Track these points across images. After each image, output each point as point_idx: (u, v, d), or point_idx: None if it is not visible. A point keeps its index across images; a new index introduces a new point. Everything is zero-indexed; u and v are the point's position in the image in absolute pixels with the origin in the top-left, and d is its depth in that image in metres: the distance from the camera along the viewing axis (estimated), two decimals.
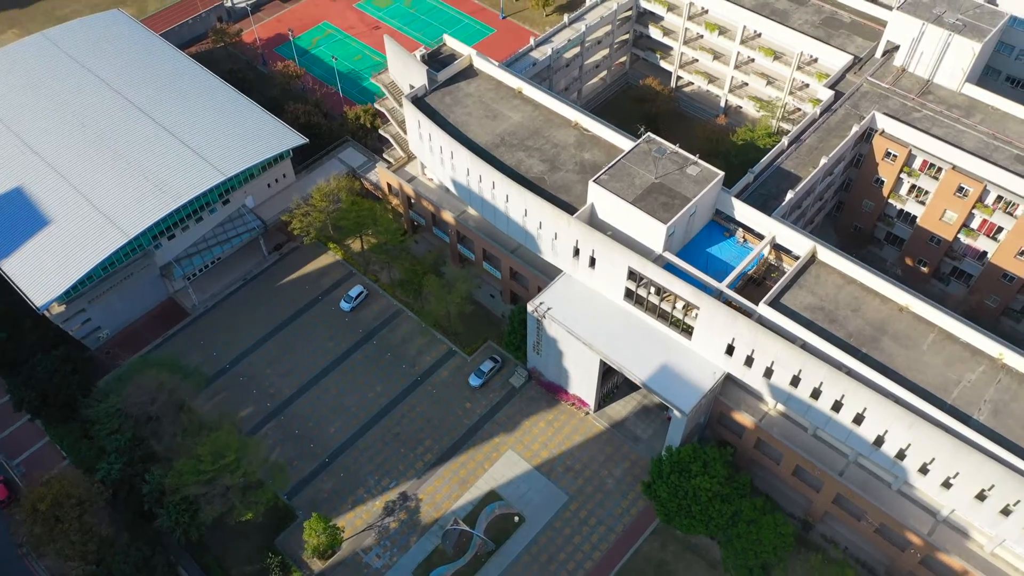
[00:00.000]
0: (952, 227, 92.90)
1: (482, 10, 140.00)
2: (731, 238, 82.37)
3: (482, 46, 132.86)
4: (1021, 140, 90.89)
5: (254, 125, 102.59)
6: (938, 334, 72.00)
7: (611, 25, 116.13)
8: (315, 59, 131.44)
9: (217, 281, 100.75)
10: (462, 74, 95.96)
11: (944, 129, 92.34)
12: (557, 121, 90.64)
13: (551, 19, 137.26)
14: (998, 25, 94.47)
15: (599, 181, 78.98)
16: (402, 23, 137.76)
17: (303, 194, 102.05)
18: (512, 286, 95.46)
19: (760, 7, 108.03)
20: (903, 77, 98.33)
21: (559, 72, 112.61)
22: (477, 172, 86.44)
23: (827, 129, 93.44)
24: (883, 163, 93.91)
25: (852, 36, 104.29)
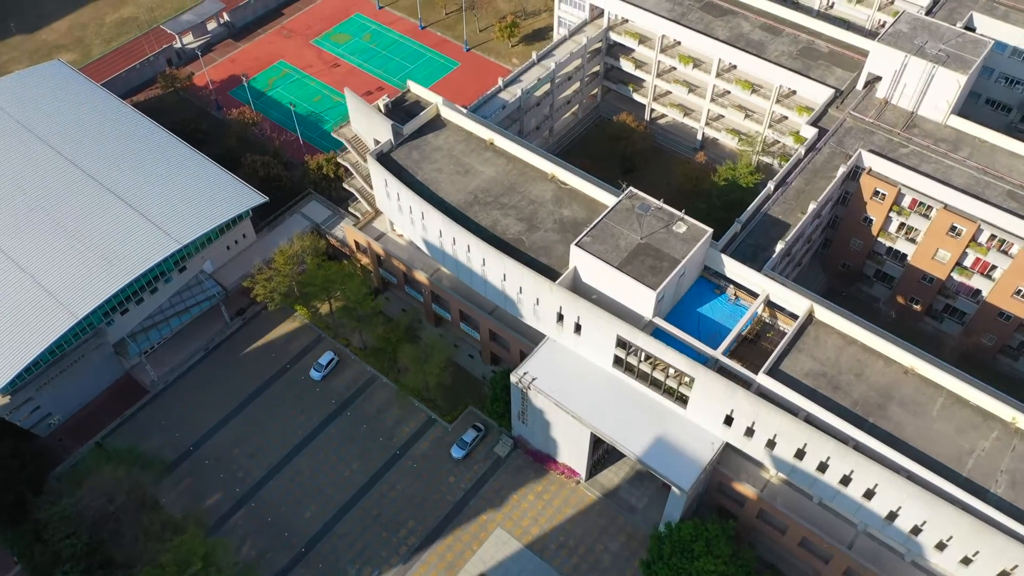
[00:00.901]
0: (945, 266, 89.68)
1: (445, 43, 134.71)
2: (722, 295, 78.09)
3: (447, 81, 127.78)
4: (1012, 174, 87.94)
5: (210, 184, 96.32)
6: (947, 398, 68.28)
7: (581, 59, 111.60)
8: (272, 102, 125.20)
9: (176, 353, 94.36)
10: (429, 125, 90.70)
11: (933, 165, 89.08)
12: (533, 174, 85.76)
13: (517, 50, 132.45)
14: (982, 55, 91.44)
15: (581, 244, 74.22)
16: (362, 60, 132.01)
17: (265, 256, 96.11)
18: (492, 347, 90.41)
19: (735, 38, 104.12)
20: (886, 110, 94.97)
21: (530, 112, 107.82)
22: (450, 234, 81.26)
23: (813, 170, 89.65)
24: (871, 202, 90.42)
25: (831, 67, 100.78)
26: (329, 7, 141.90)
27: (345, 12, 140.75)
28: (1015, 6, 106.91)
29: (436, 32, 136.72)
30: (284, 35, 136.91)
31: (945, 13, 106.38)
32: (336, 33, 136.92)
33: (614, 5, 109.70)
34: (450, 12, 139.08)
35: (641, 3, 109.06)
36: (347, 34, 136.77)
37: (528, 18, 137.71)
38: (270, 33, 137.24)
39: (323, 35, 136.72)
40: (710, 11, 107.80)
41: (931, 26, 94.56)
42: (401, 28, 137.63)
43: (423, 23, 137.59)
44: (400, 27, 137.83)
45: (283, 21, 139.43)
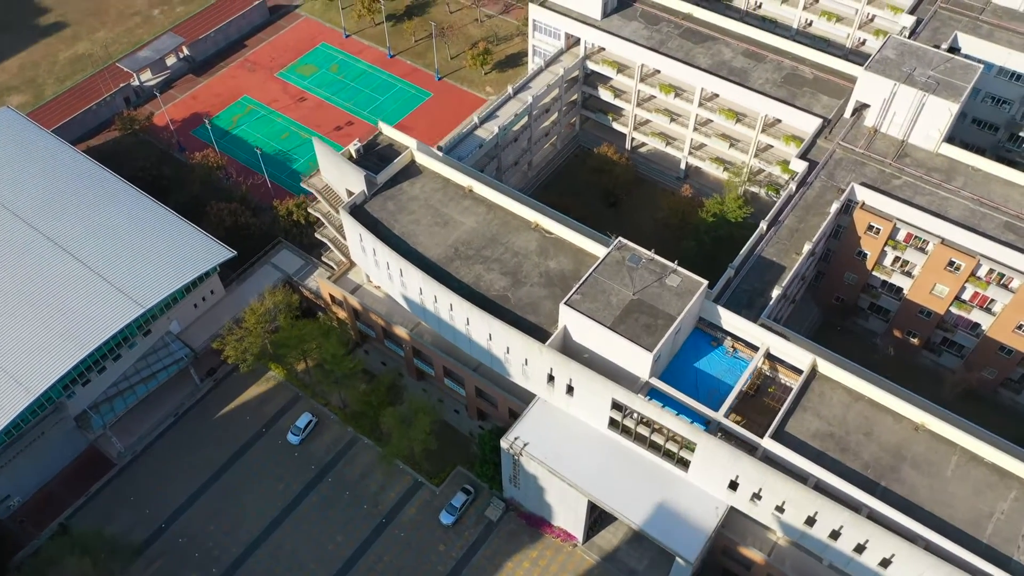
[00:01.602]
0: (943, 300, 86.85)
1: (415, 71, 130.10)
2: (719, 347, 74.47)
3: (420, 113, 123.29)
4: (1008, 204, 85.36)
5: (174, 240, 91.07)
6: (961, 455, 65.12)
7: (559, 89, 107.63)
8: (237, 141, 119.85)
9: (143, 420, 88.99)
10: (404, 172, 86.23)
11: (927, 197, 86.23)
12: (515, 223, 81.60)
13: (490, 78, 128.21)
14: (972, 81, 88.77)
15: (571, 303, 70.20)
16: (330, 92, 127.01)
17: (235, 314, 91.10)
18: (479, 404, 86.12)
19: (717, 66, 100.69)
20: (876, 139, 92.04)
21: (508, 148, 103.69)
22: (431, 292, 76.89)
23: (805, 206, 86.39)
24: (866, 237, 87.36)
25: (817, 94, 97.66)
26: (293, 37, 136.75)
27: (310, 42, 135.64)
28: (999, 24, 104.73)
29: (406, 61, 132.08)
30: (247, 68, 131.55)
31: (929, 33, 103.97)
32: (302, 65, 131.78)
33: (590, 34, 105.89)
34: (419, 39, 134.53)
35: (618, 31, 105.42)
36: (313, 65, 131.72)
37: (500, 43, 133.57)
38: (233, 67, 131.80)
39: (288, 67, 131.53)
40: (690, 38, 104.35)
41: (918, 51, 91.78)
42: (369, 57, 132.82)
43: (392, 52, 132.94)
44: (368, 56, 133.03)
45: (246, 53, 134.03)
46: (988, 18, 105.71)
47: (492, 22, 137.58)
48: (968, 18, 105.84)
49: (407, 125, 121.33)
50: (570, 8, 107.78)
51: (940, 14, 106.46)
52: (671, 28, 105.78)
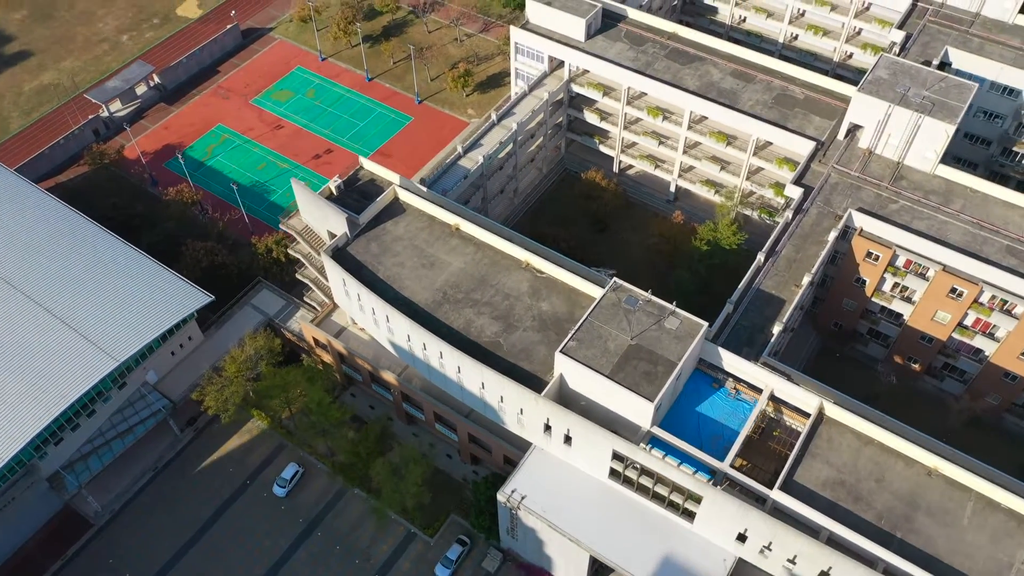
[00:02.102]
0: (946, 327, 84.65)
1: (395, 95, 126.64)
2: (721, 389, 71.78)
3: (401, 138, 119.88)
4: (1008, 227, 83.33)
5: (148, 285, 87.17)
6: (977, 501, 62.76)
7: (544, 114, 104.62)
8: (212, 172, 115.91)
9: (121, 476, 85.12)
10: (387, 211, 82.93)
11: (926, 221, 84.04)
12: (505, 263, 78.52)
13: (472, 100, 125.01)
14: (967, 101, 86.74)
15: (567, 350, 67.25)
16: (307, 119, 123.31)
17: (214, 361, 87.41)
18: (472, 449, 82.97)
19: (705, 88, 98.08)
20: (871, 161, 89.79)
21: (493, 177, 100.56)
22: (420, 339, 73.67)
23: (802, 235, 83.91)
24: (864, 263, 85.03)
25: (809, 115, 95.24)
26: (268, 62, 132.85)
27: (285, 66, 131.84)
28: (989, 37, 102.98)
29: (384, 84, 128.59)
30: (221, 96, 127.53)
31: (919, 48, 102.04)
32: (277, 90, 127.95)
33: (574, 56, 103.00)
34: (398, 61, 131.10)
35: (603, 53, 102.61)
36: (289, 91, 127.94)
37: (481, 64, 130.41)
38: (206, 94, 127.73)
39: (263, 93, 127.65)
40: (677, 59, 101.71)
41: (911, 71, 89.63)
42: (347, 81, 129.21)
43: (370, 75, 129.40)
44: (346, 80, 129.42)
45: (219, 80, 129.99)
46: (978, 31, 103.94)
47: (472, 42, 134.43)
48: (958, 32, 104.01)
49: (388, 151, 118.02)
50: (553, 30, 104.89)
51: (929, 28, 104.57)
52: (657, 49, 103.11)
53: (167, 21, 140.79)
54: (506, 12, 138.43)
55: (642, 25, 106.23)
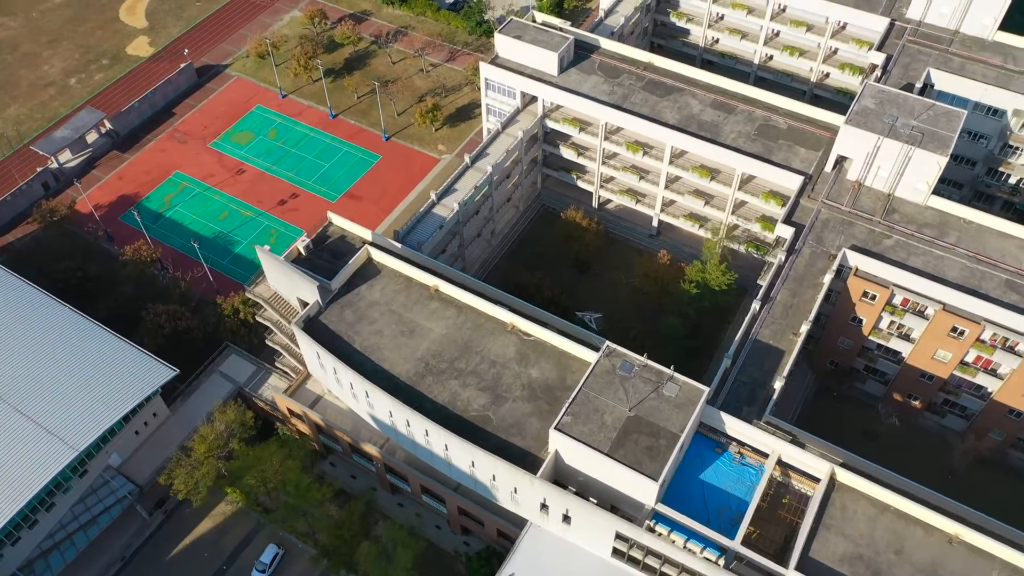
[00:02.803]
0: (947, 365, 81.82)
1: (361, 132, 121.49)
2: (724, 454, 68.01)
3: (370, 179, 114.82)
4: (1006, 260, 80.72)
5: (107, 362, 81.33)
6: (1001, 569, 59.51)
7: (519, 152, 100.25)
8: (172, 224, 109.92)
9: (87, 568, 79.20)
10: (360, 273, 78.10)
11: (922, 257, 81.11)
12: (489, 326, 74.05)
13: (442, 135, 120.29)
14: (957, 128, 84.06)
15: (562, 427, 62.99)
16: (270, 162, 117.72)
17: (183, 436, 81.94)
18: (463, 522, 78.38)
19: (686, 121, 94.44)
20: (861, 194, 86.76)
21: (469, 223, 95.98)
22: (403, 416, 68.95)
23: (796, 278, 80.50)
24: (861, 303, 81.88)
25: (793, 146, 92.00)
26: (225, 101, 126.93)
27: (244, 106, 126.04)
28: (970, 56, 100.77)
29: (349, 121, 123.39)
30: (178, 140, 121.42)
31: (900, 71, 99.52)
32: (237, 132, 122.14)
33: (548, 92, 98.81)
34: (362, 96, 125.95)
35: (577, 87, 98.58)
36: (249, 132, 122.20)
37: (449, 95, 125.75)
38: (161, 139, 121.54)
39: (222, 135, 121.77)
40: (654, 90, 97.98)
41: (898, 99, 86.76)
42: (310, 119, 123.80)
43: (334, 111, 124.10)
44: (308, 118, 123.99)
45: (175, 123, 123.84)
46: (958, 50, 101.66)
47: (438, 72, 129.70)
48: (938, 51, 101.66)
49: (357, 193, 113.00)
50: (524, 64, 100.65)
51: (909, 49, 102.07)
52: (633, 80, 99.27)
53: (117, 61, 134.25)
54: (472, 39, 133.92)
55: (616, 56, 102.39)
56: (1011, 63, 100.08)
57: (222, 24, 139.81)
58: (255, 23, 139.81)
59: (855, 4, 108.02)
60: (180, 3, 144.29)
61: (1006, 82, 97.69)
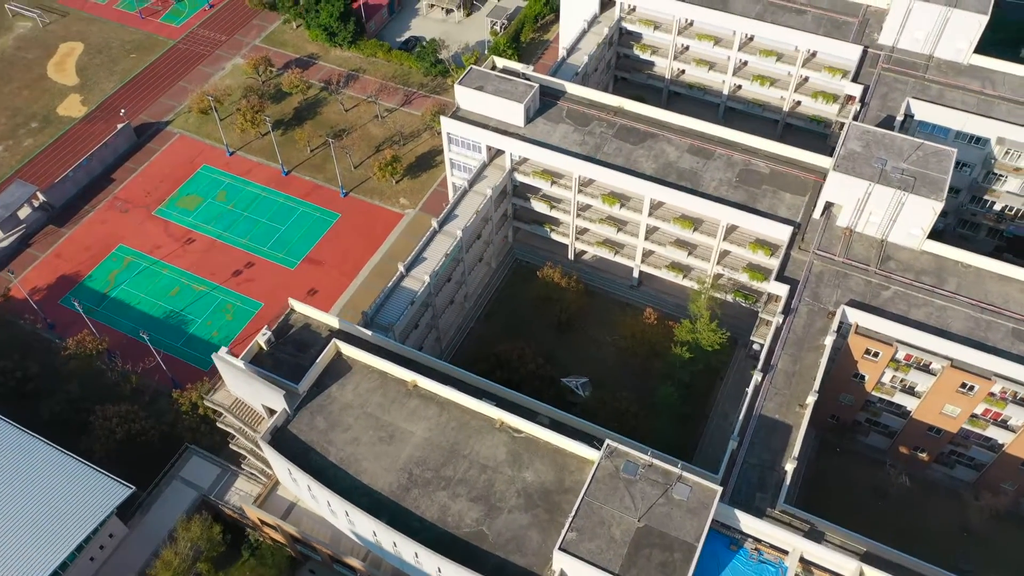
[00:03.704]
0: (956, 420, 77.96)
1: (317, 189, 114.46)
2: (741, 551, 62.86)
3: (329, 240, 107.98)
4: (1010, 305, 77.26)
5: (54, 486, 73.59)
6: None
7: (489, 209, 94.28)
8: (118, 305, 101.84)
9: None
10: (330, 372, 71.46)
11: (924, 308, 77.14)
12: (476, 424, 67.99)
13: (403, 187, 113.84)
14: (949, 169, 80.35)
15: (567, 546, 57.26)
16: (221, 228, 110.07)
17: (144, 561, 74.43)
18: None
19: (663, 170, 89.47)
20: (853, 241, 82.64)
21: (442, 291, 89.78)
22: (388, 538, 62.57)
23: (796, 341, 75.90)
24: (863, 360, 77.62)
25: (778, 192, 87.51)
26: (168, 162, 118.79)
27: (189, 166, 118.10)
28: (947, 82, 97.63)
29: (304, 177, 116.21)
30: (119, 209, 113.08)
31: (879, 102, 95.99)
32: (183, 197, 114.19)
33: (515, 145, 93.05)
34: (316, 149, 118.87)
35: (546, 138, 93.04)
36: (197, 195, 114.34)
37: (408, 142, 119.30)
38: (101, 209, 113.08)
39: (168, 201, 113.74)
40: (628, 137, 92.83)
41: (885, 140, 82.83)
42: (261, 177, 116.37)
43: (286, 168, 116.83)
44: (259, 176, 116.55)
45: (116, 190, 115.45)
46: (935, 76, 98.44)
47: (394, 117, 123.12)
48: (914, 79, 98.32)
49: (317, 257, 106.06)
50: (488, 116, 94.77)
51: (885, 78, 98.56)
52: (604, 128, 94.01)
53: (48, 123, 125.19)
54: (428, 80, 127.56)
55: (585, 101, 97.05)
56: (989, 87, 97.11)
57: (160, 77, 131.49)
58: (195, 74, 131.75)
59: (825, 32, 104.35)
60: (112, 56, 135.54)
61: (987, 109, 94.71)
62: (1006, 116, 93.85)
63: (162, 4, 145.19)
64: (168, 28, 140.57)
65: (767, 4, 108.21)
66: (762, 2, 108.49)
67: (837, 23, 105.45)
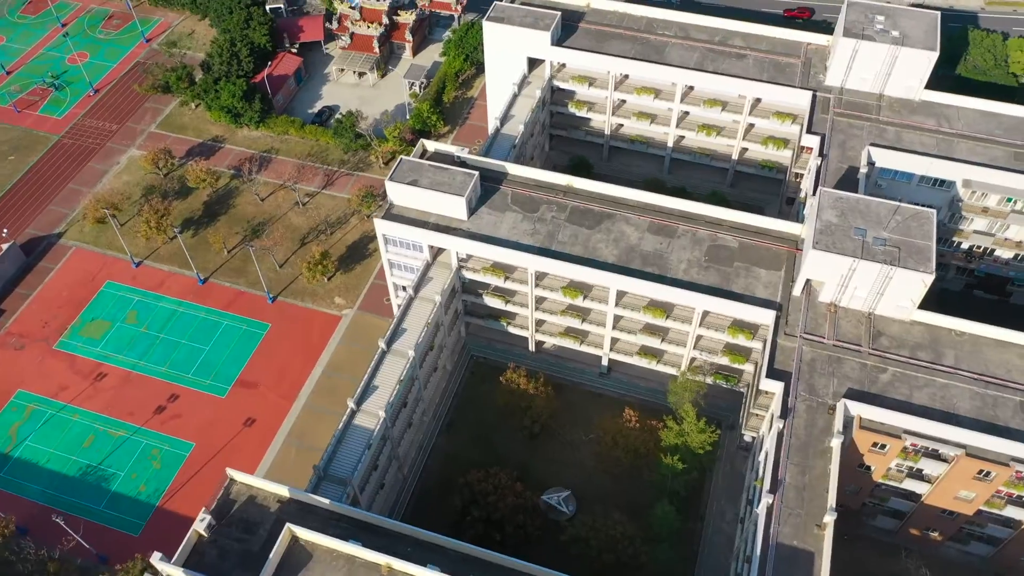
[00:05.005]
0: (971, 503, 72.79)
1: (240, 297, 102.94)
2: None
3: (262, 357, 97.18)
4: (1012, 375, 72.71)
5: None
6: None
7: (439, 314, 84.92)
8: (24, 467, 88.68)
9: None
10: (287, 564, 61.06)
11: (926, 390, 71.75)
12: None
13: (336, 284, 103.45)
14: (933, 233, 75.10)
15: None
16: (135, 356, 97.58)
17: None
18: None
19: (626, 255, 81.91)
20: (839, 318, 76.60)
21: (398, 420, 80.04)
22: None
23: (800, 447, 69.15)
24: (870, 453, 71.67)
25: (751, 268, 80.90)
26: (66, 283, 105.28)
27: (91, 285, 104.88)
28: (903, 123, 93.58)
29: (224, 283, 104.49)
30: (13, 346, 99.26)
31: (838, 152, 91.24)
32: (87, 323, 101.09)
33: (460, 244, 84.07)
34: (233, 249, 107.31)
35: (493, 231, 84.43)
36: (103, 320, 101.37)
37: (335, 230, 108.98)
38: None
39: (70, 331, 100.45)
40: (582, 221, 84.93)
41: (860, 206, 77.21)
42: (175, 290, 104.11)
43: (202, 275, 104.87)
44: (173, 288, 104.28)
45: (7, 323, 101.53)
46: (888, 116, 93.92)
47: (317, 203, 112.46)
48: (869, 122, 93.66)
49: (250, 380, 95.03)
50: (427, 211, 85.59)
51: (839, 124, 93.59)
52: (555, 211, 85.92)
53: None
54: (349, 156, 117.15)
55: (530, 182, 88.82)
56: (945, 125, 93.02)
57: (45, 181, 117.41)
58: (86, 172, 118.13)
59: (770, 76, 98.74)
60: None
61: (948, 149, 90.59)
62: (968, 155, 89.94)
63: (40, 94, 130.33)
64: (49, 121, 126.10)
65: (705, 51, 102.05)
66: (699, 49, 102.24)
67: (780, 66, 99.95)
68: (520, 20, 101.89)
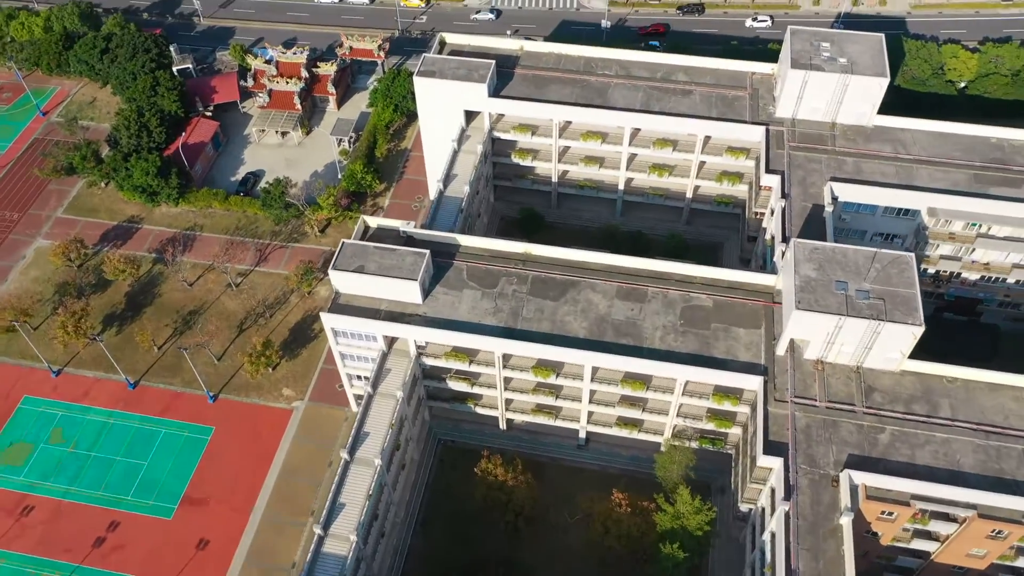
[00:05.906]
0: (983, 559, 69.77)
1: (177, 400, 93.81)
2: None
3: (208, 468, 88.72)
4: (1011, 421, 70.26)
5: None
6: None
7: (403, 409, 77.96)
8: None
9: None
10: None
11: (928, 448, 68.63)
12: None
13: (283, 373, 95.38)
14: (915, 278, 71.98)
15: None
16: (64, 482, 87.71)
17: None
18: None
19: (597, 328, 76.55)
20: (827, 375, 72.77)
21: (371, 535, 72.93)
22: None
23: (808, 529, 64.93)
24: (877, 521, 67.91)
25: (730, 329, 76.42)
26: None
27: (5, 403, 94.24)
28: (860, 152, 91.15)
29: (157, 386, 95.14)
30: None
31: (799, 190, 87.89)
32: (5, 448, 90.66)
33: (416, 332, 77.38)
34: (164, 345, 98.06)
35: (451, 315, 78.01)
36: (24, 442, 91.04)
37: (275, 313, 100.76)
38: None
39: None
40: (546, 293, 79.20)
41: (837, 255, 73.53)
42: (102, 399, 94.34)
43: (131, 379, 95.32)
44: (100, 397, 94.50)
45: None
46: (844, 146, 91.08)
47: (251, 281, 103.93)
48: (826, 154, 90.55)
49: (198, 496, 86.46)
50: (377, 298, 78.60)
51: (796, 159, 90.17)
52: (515, 284, 79.98)
53: None
54: (280, 228, 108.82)
55: (484, 254, 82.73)
56: (902, 150, 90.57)
57: None
58: None
59: (719, 112, 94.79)
60: None
61: (909, 176, 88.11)
62: (930, 181, 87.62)
63: None
64: None
65: (649, 89, 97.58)
66: (643, 88, 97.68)
67: (727, 100, 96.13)
68: (453, 73, 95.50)
